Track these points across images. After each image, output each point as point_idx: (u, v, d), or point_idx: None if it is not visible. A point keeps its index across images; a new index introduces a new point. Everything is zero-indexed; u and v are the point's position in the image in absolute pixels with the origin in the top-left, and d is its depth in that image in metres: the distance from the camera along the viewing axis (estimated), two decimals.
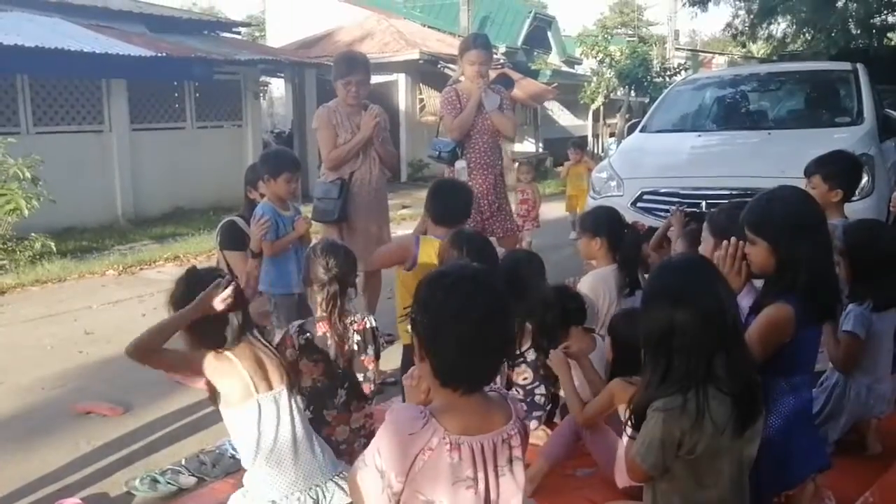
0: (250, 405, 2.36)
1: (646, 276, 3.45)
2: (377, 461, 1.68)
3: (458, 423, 1.68)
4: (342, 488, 2.41)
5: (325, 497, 2.43)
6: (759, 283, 2.59)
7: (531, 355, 3.31)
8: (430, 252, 3.47)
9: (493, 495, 1.72)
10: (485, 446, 1.70)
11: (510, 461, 1.74)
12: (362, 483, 1.73)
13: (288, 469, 2.40)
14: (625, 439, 2.83)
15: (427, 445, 1.64)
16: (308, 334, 2.83)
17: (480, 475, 1.69)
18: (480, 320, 1.64)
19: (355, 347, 2.83)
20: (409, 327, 2.82)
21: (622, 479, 2.79)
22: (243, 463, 2.45)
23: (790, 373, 2.36)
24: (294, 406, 2.47)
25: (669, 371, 1.93)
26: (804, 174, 3.88)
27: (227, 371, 2.36)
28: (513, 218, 5.30)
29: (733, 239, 2.45)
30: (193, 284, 2.41)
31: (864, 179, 4.98)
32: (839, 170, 3.78)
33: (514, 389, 3.30)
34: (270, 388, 2.41)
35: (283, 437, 2.40)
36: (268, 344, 2.52)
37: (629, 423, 2.02)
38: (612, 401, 2.76)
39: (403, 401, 2.90)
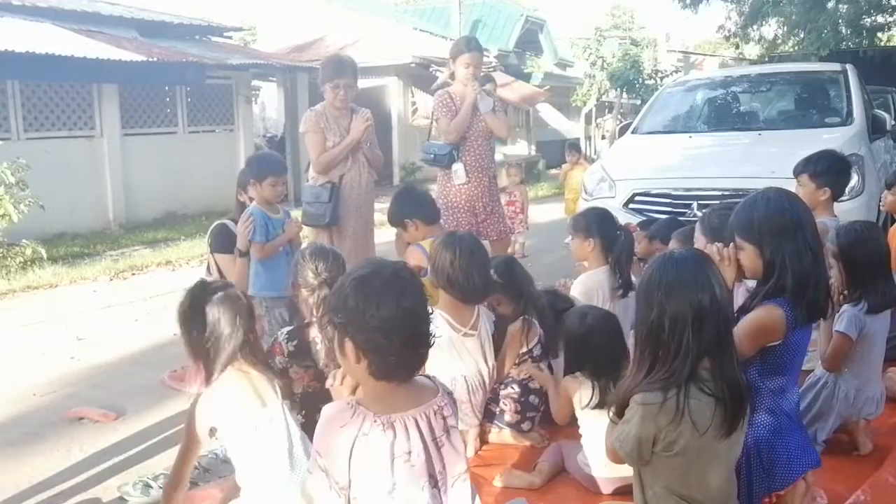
0: (247, 426, 2.33)
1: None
2: (320, 462, 1.74)
3: (386, 406, 1.75)
4: None
5: None
6: (751, 283, 2.60)
7: (538, 350, 3.30)
8: None
9: (436, 466, 1.79)
10: (418, 419, 1.77)
11: (446, 430, 1.82)
12: (314, 490, 1.78)
13: (284, 481, 2.38)
14: (584, 448, 2.83)
15: (360, 432, 1.71)
16: (297, 340, 2.82)
17: (418, 447, 1.75)
18: (413, 318, 1.73)
19: None
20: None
21: (602, 486, 2.80)
22: (239, 479, 2.42)
23: (778, 374, 2.35)
24: (287, 419, 2.43)
25: (654, 366, 1.92)
26: (794, 174, 3.91)
27: (222, 402, 2.33)
28: (506, 221, 5.35)
29: (720, 245, 2.45)
30: (198, 298, 2.37)
31: (855, 179, 5.01)
32: (825, 168, 3.82)
33: (510, 387, 3.28)
34: (263, 405, 2.37)
35: (279, 452, 2.38)
36: (256, 360, 2.46)
37: (613, 408, 2.03)
38: (568, 395, 2.92)
39: None
